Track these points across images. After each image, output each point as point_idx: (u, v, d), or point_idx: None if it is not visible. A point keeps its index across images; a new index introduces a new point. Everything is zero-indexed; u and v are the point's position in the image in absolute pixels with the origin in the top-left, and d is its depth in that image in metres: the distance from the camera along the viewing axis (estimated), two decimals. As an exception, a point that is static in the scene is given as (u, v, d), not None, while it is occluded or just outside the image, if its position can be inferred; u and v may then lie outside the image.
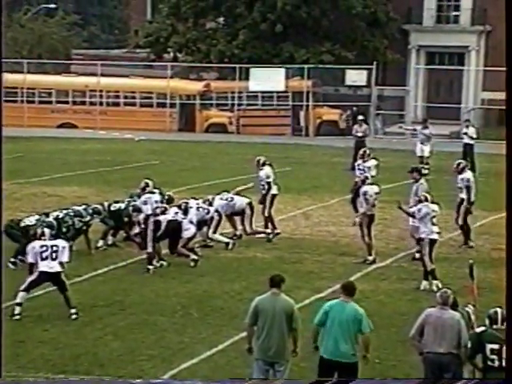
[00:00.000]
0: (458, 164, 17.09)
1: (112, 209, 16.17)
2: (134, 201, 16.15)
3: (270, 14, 38.58)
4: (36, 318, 12.17)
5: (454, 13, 41.48)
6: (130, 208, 16.00)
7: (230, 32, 39.99)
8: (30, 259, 12.41)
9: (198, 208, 15.95)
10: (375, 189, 15.65)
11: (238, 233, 17.02)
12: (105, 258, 15.50)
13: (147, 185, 15.73)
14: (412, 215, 14.38)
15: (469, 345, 8.87)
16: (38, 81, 37.62)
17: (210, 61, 39.50)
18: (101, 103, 37.11)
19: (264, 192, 17.23)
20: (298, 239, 17.28)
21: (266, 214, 17.17)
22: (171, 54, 41.69)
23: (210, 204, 16.38)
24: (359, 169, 19.27)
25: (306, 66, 37.04)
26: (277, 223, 17.62)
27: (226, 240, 16.40)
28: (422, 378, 9.26)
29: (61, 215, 15.38)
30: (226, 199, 16.82)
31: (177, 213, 15.18)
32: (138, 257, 15.25)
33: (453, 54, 41.68)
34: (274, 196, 17.35)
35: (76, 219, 15.36)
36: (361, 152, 19.85)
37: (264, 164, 17.34)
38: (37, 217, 15.02)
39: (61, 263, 12.23)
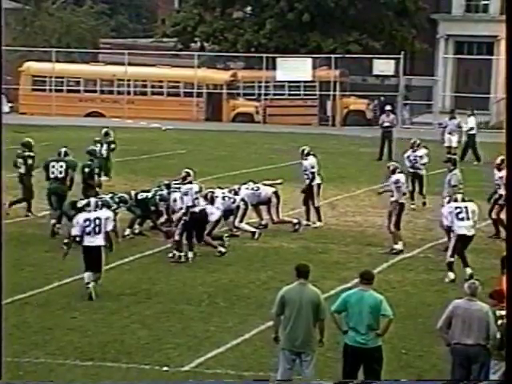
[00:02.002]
0: (503, 160, 16.48)
1: (139, 198, 16.24)
2: (161, 190, 16.20)
3: (298, 4, 38.45)
4: (64, 305, 12.28)
5: (483, 2, 41.11)
6: (157, 197, 16.05)
7: (257, 21, 39.92)
8: (75, 232, 12.73)
9: (223, 197, 15.97)
10: (405, 177, 15.63)
11: (263, 222, 17.04)
12: (131, 246, 15.57)
13: (188, 174, 15.19)
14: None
15: (498, 335, 8.84)
16: (66, 70, 37.80)
17: (236, 50, 39.46)
18: (128, 92, 37.23)
19: (308, 182, 17.30)
20: (324, 229, 17.26)
21: (316, 205, 17.26)
22: (198, 44, 41.69)
23: (236, 193, 16.40)
24: (409, 160, 19.64)
25: (333, 56, 36.89)
26: (303, 213, 17.59)
27: (253, 229, 16.42)
28: (444, 379, 9.23)
29: (88, 204, 15.48)
30: (252, 189, 16.83)
31: (196, 198, 14.94)
32: (165, 246, 15.30)
33: (482, 43, 41.32)
34: (318, 186, 17.42)
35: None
36: (411, 142, 20.14)
37: (308, 154, 17.45)
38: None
39: (106, 233, 12.51)
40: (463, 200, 14.15)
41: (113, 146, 21.34)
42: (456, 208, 13.95)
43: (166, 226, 15.45)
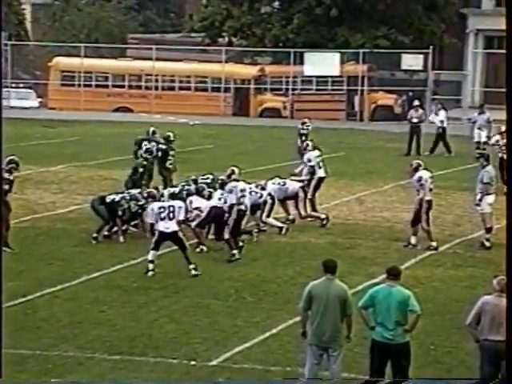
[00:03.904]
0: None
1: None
2: (189, 185, 16.23)
3: (325, -2, 38.34)
4: (93, 300, 12.36)
5: (514, -4, 40.71)
6: (184, 192, 16.08)
7: (284, 16, 39.87)
8: (149, 220, 13.73)
9: (250, 192, 15.96)
10: (428, 173, 15.48)
11: (290, 217, 17.02)
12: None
13: (233, 172, 15.10)
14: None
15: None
16: (94, 65, 38.01)
17: (264, 45, 39.47)
18: (156, 87, 37.34)
19: (308, 177, 17.24)
20: (352, 224, 17.22)
21: (309, 197, 17.09)
22: (226, 39, 41.73)
23: (263, 189, 16.38)
24: (498, 145, 19.86)
25: (361, 51, 36.75)
26: (330, 208, 17.57)
27: (280, 224, 16.41)
28: (474, 378, 9.16)
29: (117, 198, 15.56)
30: (279, 184, 16.82)
31: (220, 198, 15.00)
32: (194, 240, 15.34)
33: (512, 37, 40.91)
34: (320, 179, 17.30)
35: (132, 203, 15.52)
36: (502, 129, 20.16)
37: (305, 149, 17.45)
38: (121, 195, 15.65)
39: (178, 222, 13.48)
40: None
41: None
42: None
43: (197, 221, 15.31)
